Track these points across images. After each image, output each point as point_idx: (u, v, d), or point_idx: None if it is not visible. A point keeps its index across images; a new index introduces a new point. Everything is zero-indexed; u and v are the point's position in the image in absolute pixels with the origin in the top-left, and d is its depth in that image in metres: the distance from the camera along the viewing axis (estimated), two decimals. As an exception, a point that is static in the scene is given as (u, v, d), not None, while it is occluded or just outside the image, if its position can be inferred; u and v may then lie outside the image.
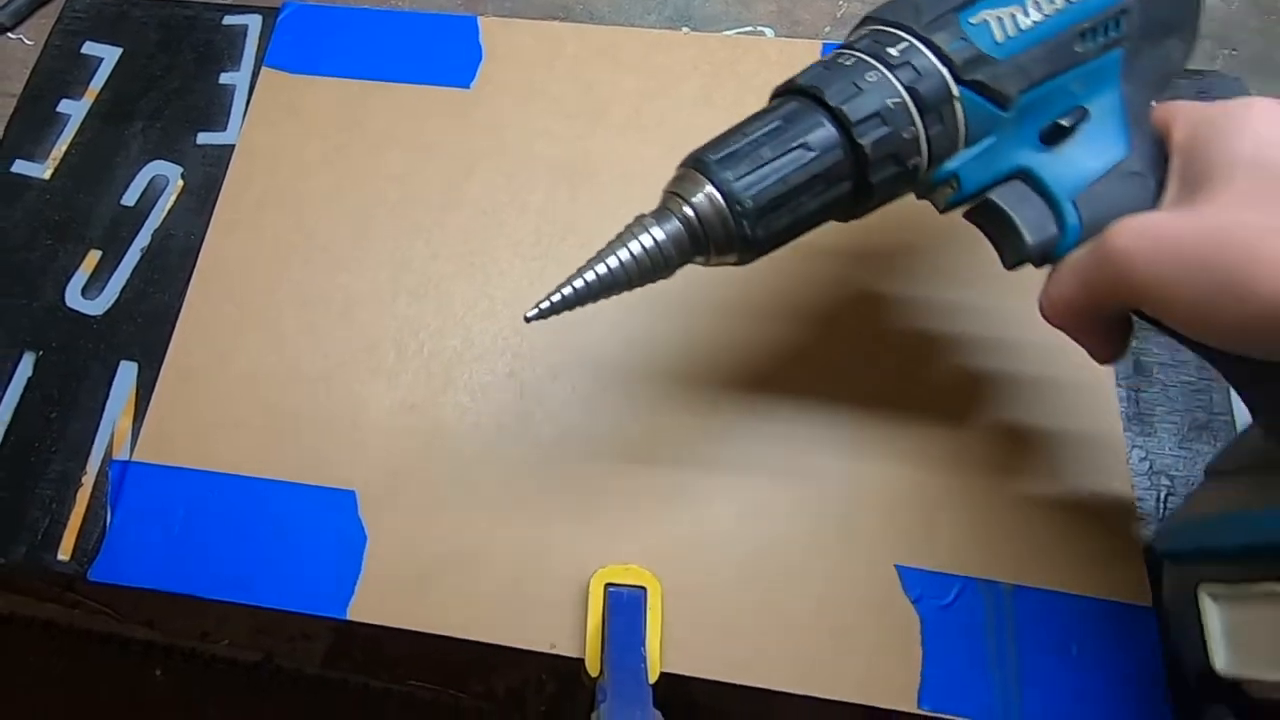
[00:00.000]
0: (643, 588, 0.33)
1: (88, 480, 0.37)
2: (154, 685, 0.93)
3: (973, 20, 0.25)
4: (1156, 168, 0.26)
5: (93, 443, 0.37)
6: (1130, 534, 0.33)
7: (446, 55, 0.45)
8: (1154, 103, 0.27)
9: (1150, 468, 0.35)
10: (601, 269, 0.25)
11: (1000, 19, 0.25)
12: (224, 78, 0.46)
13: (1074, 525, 0.33)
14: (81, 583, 0.35)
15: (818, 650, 0.32)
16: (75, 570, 0.35)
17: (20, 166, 0.44)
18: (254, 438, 0.37)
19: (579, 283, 0.25)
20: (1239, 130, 0.23)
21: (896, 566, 0.33)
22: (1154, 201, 0.25)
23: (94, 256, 0.41)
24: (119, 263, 0.41)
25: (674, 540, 0.34)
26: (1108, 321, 0.26)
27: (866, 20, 0.27)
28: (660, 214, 0.25)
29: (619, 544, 0.34)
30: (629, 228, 0.25)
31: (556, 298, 0.25)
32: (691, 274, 0.38)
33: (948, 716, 0.31)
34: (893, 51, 0.25)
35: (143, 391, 0.38)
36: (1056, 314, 0.27)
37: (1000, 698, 0.31)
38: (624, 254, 0.25)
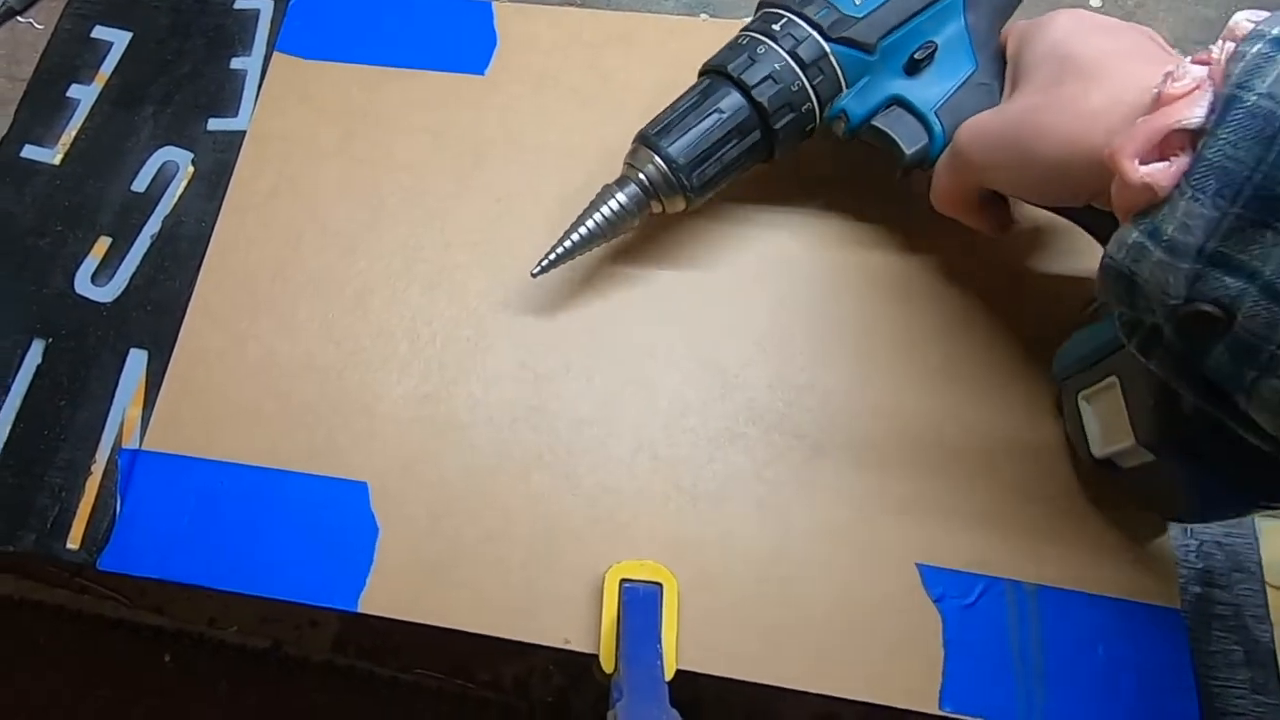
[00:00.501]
0: (658, 584, 0.32)
1: (97, 469, 0.36)
2: (163, 670, 0.93)
3: None
4: (1000, 77, 0.33)
5: (102, 431, 0.37)
6: (1157, 535, 0.32)
7: (461, 41, 0.44)
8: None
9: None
10: (583, 229, 0.34)
11: None
12: (235, 63, 0.45)
13: (1100, 524, 0.33)
14: (90, 570, 0.34)
15: (837, 649, 0.32)
16: (84, 559, 0.35)
17: (30, 152, 0.43)
18: (265, 427, 0.36)
19: (568, 242, 0.34)
20: (1040, 36, 0.30)
21: (918, 565, 0.33)
22: (998, 103, 0.32)
23: (104, 243, 0.41)
24: (129, 249, 0.41)
25: (690, 535, 0.34)
26: (979, 202, 0.32)
27: (760, 5, 0.35)
28: (621, 181, 0.35)
29: (634, 538, 0.34)
30: (599, 195, 0.35)
31: (553, 255, 0.34)
32: (716, 275, 0.38)
33: (969, 718, 0.30)
34: (776, 27, 0.33)
35: (152, 380, 0.38)
36: (940, 204, 0.34)
37: (1023, 700, 0.31)
38: (598, 216, 0.34)
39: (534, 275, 0.34)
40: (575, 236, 0.34)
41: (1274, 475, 0.25)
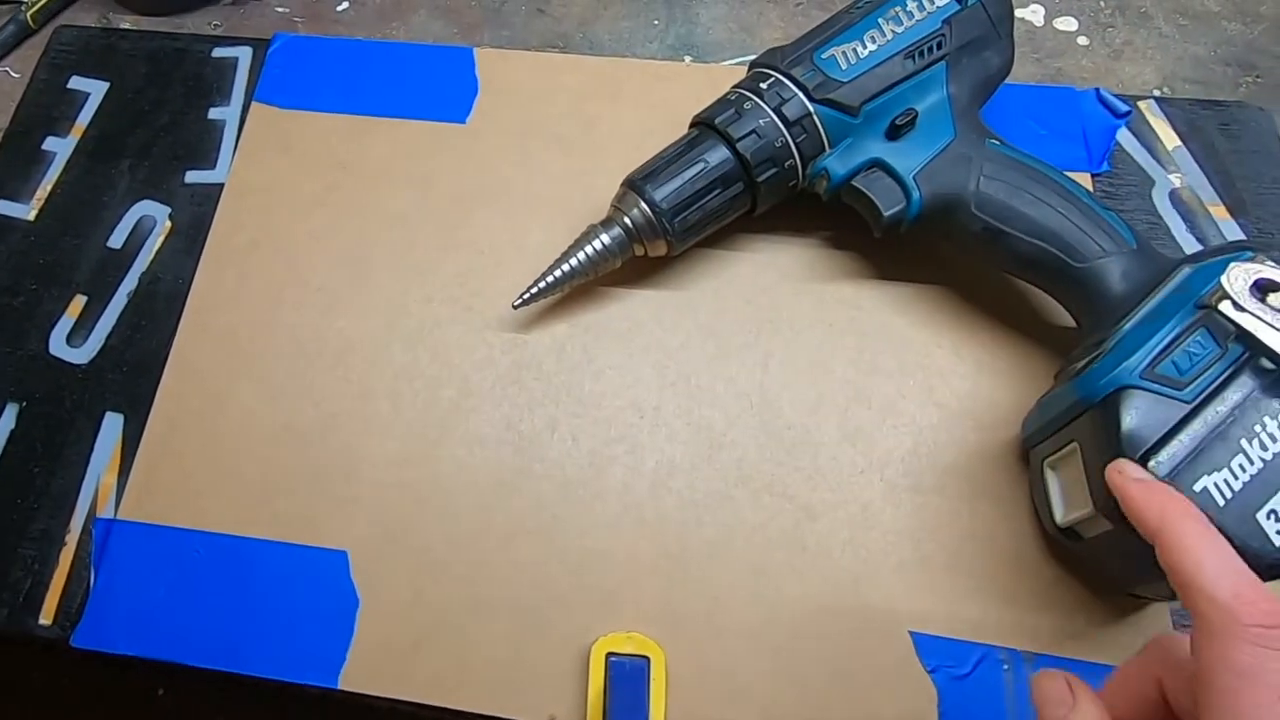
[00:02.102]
0: (646, 657, 0.31)
1: (71, 539, 0.35)
2: (157, 704, 0.92)
3: (824, 56, 0.34)
4: (978, 148, 0.34)
5: (76, 499, 0.36)
6: (1156, 601, 0.32)
7: (442, 89, 0.43)
8: None
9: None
10: (567, 266, 0.35)
11: (844, 52, 0.34)
12: (213, 112, 0.44)
13: (1098, 591, 0.32)
14: (63, 648, 0.33)
15: (829, 723, 0.31)
16: (58, 635, 0.34)
17: (4, 207, 0.42)
18: (243, 494, 0.35)
19: (551, 277, 0.36)
20: None
21: (911, 633, 0.32)
22: (975, 173, 0.33)
23: (79, 302, 0.40)
24: (105, 308, 0.40)
25: (679, 603, 0.33)
26: None
27: (750, 65, 0.36)
28: (606, 223, 0.36)
29: (621, 606, 0.33)
30: (584, 235, 0.36)
31: (535, 289, 0.36)
32: (702, 332, 0.37)
33: (967, 796, 0.30)
34: (764, 85, 0.35)
35: (128, 445, 0.37)
36: None
37: (1022, 777, 0.30)
38: (582, 255, 0.35)
39: (515, 307, 0.36)
40: (558, 272, 0.35)
41: None
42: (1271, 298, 0.27)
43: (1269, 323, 0.26)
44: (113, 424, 0.37)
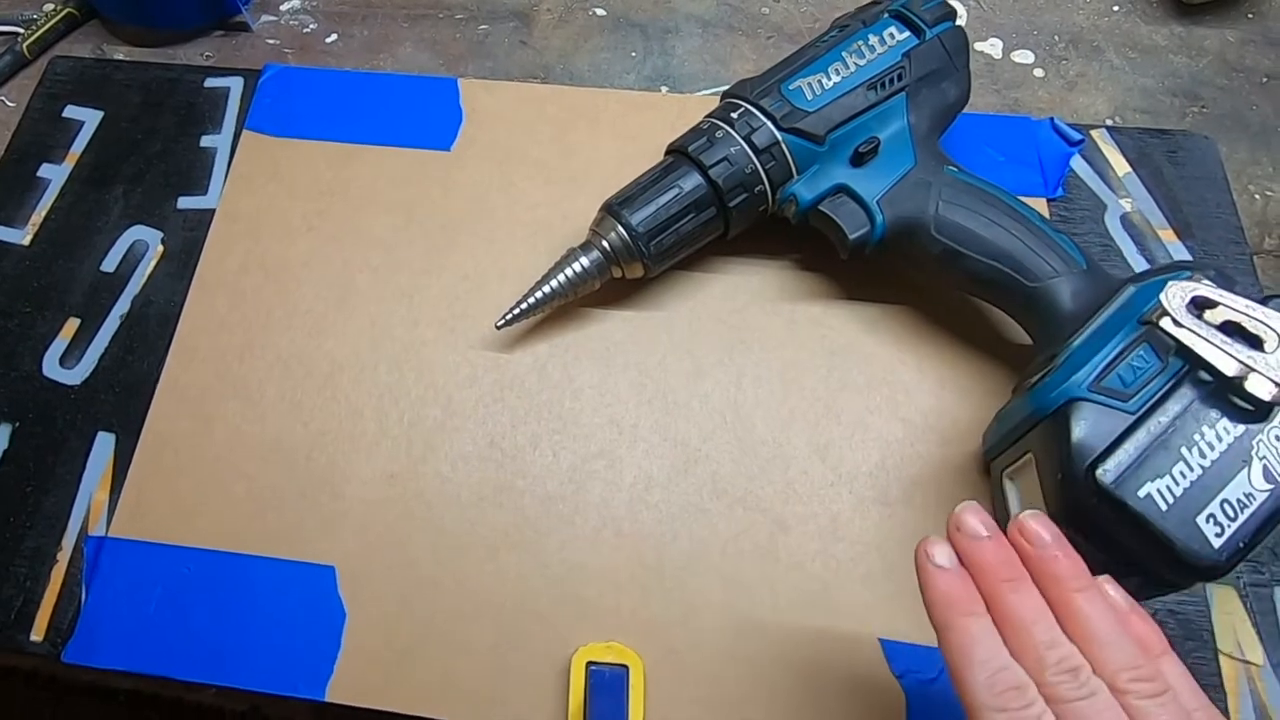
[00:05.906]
0: (625, 666, 0.32)
1: (63, 556, 0.36)
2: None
3: (790, 87, 0.36)
4: (937, 174, 0.36)
5: (68, 517, 0.37)
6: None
7: (427, 118, 0.45)
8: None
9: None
10: (548, 288, 0.37)
11: (810, 84, 0.36)
12: (205, 140, 0.46)
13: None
14: (55, 664, 0.34)
15: (802, 727, 0.32)
16: (49, 651, 0.34)
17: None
18: (232, 511, 0.36)
19: (532, 299, 0.37)
20: None
21: (880, 640, 0.33)
22: (934, 198, 0.35)
23: (73, 324, 0.41)
24: (98, 330, 0.41)
25: (656, 613, 0.34)
26: None
27: (723, 96, 0.39)
28: (585, 246, 0.37)
29: (601, 617, 0.34)
30: (564, 258, 0.37)
31: (517, 310, 0.37)
32: (678, 351, 0.39)
33: (933, 796, 0.31)
34: (734, 115, 0.36)
35: (120, 463, 0.38)
36: None
37: (985, 776, 0.31)
38: (562, 277, 0.37)
39: (498, 327, 0.37)
40: (539, 294, 0.37)
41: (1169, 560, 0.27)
42: (1208, 314, 0.28)
43: (1205, 338, 0.28)
44: (104, 443, 0.38)
